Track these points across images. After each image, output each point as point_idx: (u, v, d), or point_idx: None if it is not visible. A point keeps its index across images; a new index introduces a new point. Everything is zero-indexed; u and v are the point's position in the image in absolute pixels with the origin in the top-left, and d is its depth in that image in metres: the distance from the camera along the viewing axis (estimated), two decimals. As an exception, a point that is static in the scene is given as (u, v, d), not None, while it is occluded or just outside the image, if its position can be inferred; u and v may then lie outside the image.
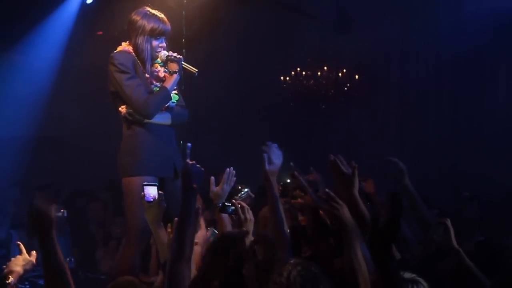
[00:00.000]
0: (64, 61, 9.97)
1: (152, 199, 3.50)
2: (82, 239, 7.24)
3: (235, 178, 3.87)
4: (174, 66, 4.22)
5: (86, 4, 8.40)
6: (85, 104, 11.34)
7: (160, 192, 3.49)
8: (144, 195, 3.51)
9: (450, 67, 9.66)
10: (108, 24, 8.35)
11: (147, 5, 4.35)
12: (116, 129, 4.59)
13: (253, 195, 3.99)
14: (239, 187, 3.87)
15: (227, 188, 3.75)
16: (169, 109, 4.30)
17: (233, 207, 3.51)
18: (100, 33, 8.40)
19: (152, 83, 4.30)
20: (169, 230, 3.38)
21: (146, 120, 4.22)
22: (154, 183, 3.64)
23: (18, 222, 7.58)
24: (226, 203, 3.64)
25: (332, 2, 9.95)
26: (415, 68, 9.90)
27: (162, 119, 4.25)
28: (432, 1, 9.61)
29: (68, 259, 6.95)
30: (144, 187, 3.50)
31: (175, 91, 4.29)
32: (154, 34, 4.24)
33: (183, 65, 4.26)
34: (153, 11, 4.32)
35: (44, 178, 9.66)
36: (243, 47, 10.72)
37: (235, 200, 3.80)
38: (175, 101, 4.28)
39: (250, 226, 3.48)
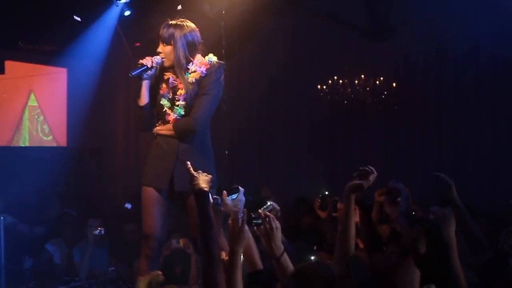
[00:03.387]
0: (103, 73, 10.07)
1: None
2: (121, 250, 7.21)
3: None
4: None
5: (124, 16, 8.42)
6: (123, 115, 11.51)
7: (215, 196, 3.39)
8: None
9: (489, 70, 9.45)
10: (145, 36, 8.33)
11: (183, 17, 4.29)
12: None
13: (278, 207, 3.82)
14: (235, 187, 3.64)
15: (243, 199, 3.58)
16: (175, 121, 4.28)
17: (260, 220, 3.32)
18: (138, 44, 8.36)
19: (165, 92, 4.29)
20: None
21: (155, 132, 4.31)
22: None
23: (57, 232, 7.61)
24: (252, 215, 3.51)
25: (369, 10, 9.80)
26: (453, 73, 9.69)
27: (167, 131, 4.25)
28: (470, 4, 9.39)
29: (109, 269, 6.98)
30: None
31: (183, 103, 4.17)
32: None
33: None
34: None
35: (84, 189, 9.75)
36: (281, 57, 10.74)
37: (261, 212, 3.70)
38: (181, 115, 4.20)
39: (278, 235, 3.32)
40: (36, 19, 8.69)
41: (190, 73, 4.22)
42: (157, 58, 4.21)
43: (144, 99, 4.22)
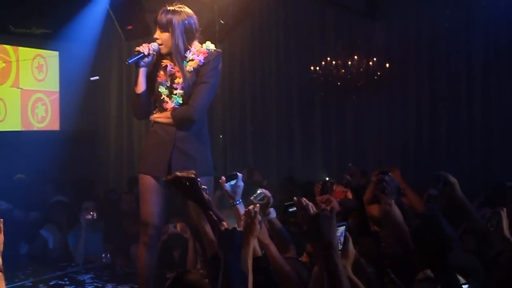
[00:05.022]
0: (95, 56, 10.01)
1: None
2: (116, 234, 7.21)
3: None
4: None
5: (116, -1, 8.33)
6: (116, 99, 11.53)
7: (204, 186, 3.37)
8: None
9: (483, 55, 9.43)
10: (138, 19, 8.31)
11: (180, 3, 4.24)
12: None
13: (269, 194, 3.82)
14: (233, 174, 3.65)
15: (241, 184, 3.60)
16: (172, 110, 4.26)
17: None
18: (130, 27, 8.29)
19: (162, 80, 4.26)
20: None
21: (152, 120, 4.29)
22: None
23: (50, 219, 7.60)
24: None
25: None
26: (447, 56, 9.66)
27: (165, 119, 4.23)
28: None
29: (103, 255, 6.98)
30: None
31: (181, 92, 4.17)
32: None
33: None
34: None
35: (77, 173, 9.73)
36: (273, 38, 10.73)
37: (253, 201, 3.69)
38: (179, 103, 4.19)
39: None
40: (27, 2, 8.61)
41: (188, 62, 4.17)
42: (154, 45, 4.16)
43: (141, 86, 4.19)
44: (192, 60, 4.17)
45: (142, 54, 4.12)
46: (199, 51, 4.18)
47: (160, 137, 4.24)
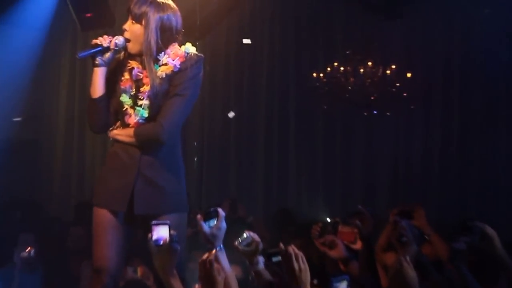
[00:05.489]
0: (43, 48, 9.94)
1: (161, 242, 3.45)
2: (60, 278, 7.11)
3: None
4: None
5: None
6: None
7: (172, 232, 3.39)
8: (151, 236, 3.47)
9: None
10: (99, 4, 8.31)
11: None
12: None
13: (258, 239, 3.77)
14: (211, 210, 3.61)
15: (224, 226, 3.56)
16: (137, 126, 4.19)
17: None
18: (89, 15, 8.27)
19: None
20: None
21: (111, 137, 4.23)
22: (164, 222, 3.53)
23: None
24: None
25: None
26: (483, 66, 9.67)
27: (126, 137, 4.16)
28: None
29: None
30: (153, 226, 3.47)
31: (147, 103, 4.10)
32: None
33: None
34: None
35: (11, 195, 9.62)
36: (266, 36, 10.73)
37: (238, 248, 3.67)
38: (143, 118, 4.12)
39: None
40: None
41: (160, 66, 4.11)
42: (118, 39, 4.09)
43: (97, 90, 4.13)
44: (165, 64, 4.11)
45: (101, 47, 4.06)
46: (175, 54, 4.12)
47: (121, 161, 4.17)
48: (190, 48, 4.17)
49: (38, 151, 11.49)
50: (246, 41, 9.70)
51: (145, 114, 4.12)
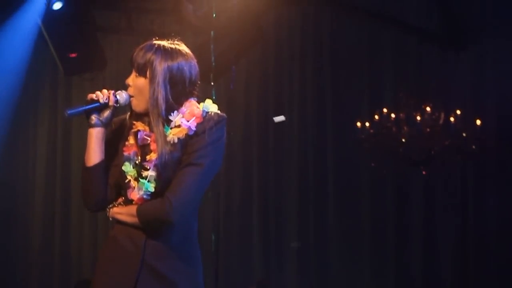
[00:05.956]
0: (19, 97, 9.98)
1: None
2: None
3: None
4: None
5: (53, 10, 8.32)
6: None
7: None
8: None
9: None
10: (87, 42, 8.41)
11: (176, 37, 4.20)
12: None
13: None
14: None
15: None
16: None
17: None
18: (74, 55, 8.31)
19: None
20: None
21: (111, 216, 4.23)
22: None
23: None
24: None
25: (440, 7, 9.81)
26: None
27: (128, 216, 4.15)
28: None
29: None
30: None
31: (153, 174, 4.09)
32: None
33: None
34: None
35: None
36: (296, 74, 10.75)
37: None
38: (149, 193, 4.13)
39: None
40: None
41: (171, 128, 4.11)
42: (119, 95, 4.13)
43: (93, 156, 4.15)
44: (178, 126, 4.11)
45: (97, 104, 4.08)
46: (191, 114, 4.12)
47: (121, 248, 4.15)
48: (210, 106, 4.18)
49: (11, 222, 11.49)
50: (278, 118, 9.69)
51: (151, 188, 4.11)
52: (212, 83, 7.77)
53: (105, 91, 4.12)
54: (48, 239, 11.41)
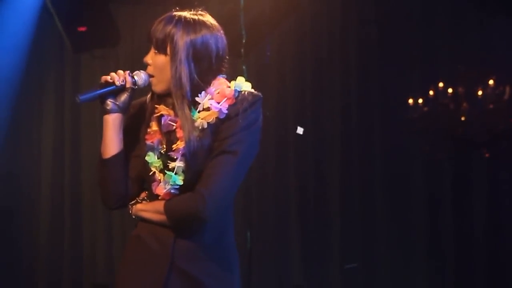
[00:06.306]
0: (23, 77, 10.10)
1: None
2: None
3: None
4: None
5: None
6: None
7: None
8: None
9: None
10: (97, 14, 8.54)
11: (200, 6, 4.20)
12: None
13: None
14: None
15: None
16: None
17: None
18: (83, 29, 8.42)
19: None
20: None
21: (134, 214, 4.28)
22: None
23: None
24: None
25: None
26: None
27: (154, 213, 4.20)
28: None
29: None
30: None
31: (181, 165, 4.11)
32: None
33: None
34: None
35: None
36: (339, 44, 10.84)
37: None
38: (178, 185, 4.15)
39: None
40: None
41: (199, 112, 4.14)
42: (137, 76, 4.14)
43: (110, 146, 4.18)
44: (207, 109, 4.12)
45: (113, 87, 4.12)
46: (221, 94, 4.12)
47: (147, 249, 4.21)
48: (242, 85, 4.17)
49: (16, 219, 11.54)
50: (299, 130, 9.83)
51: (179, 181, 4.13)
52: (243, 58, 7.80)
53: (120, 72, 4.11)
54: (57, 240, 11.38)
